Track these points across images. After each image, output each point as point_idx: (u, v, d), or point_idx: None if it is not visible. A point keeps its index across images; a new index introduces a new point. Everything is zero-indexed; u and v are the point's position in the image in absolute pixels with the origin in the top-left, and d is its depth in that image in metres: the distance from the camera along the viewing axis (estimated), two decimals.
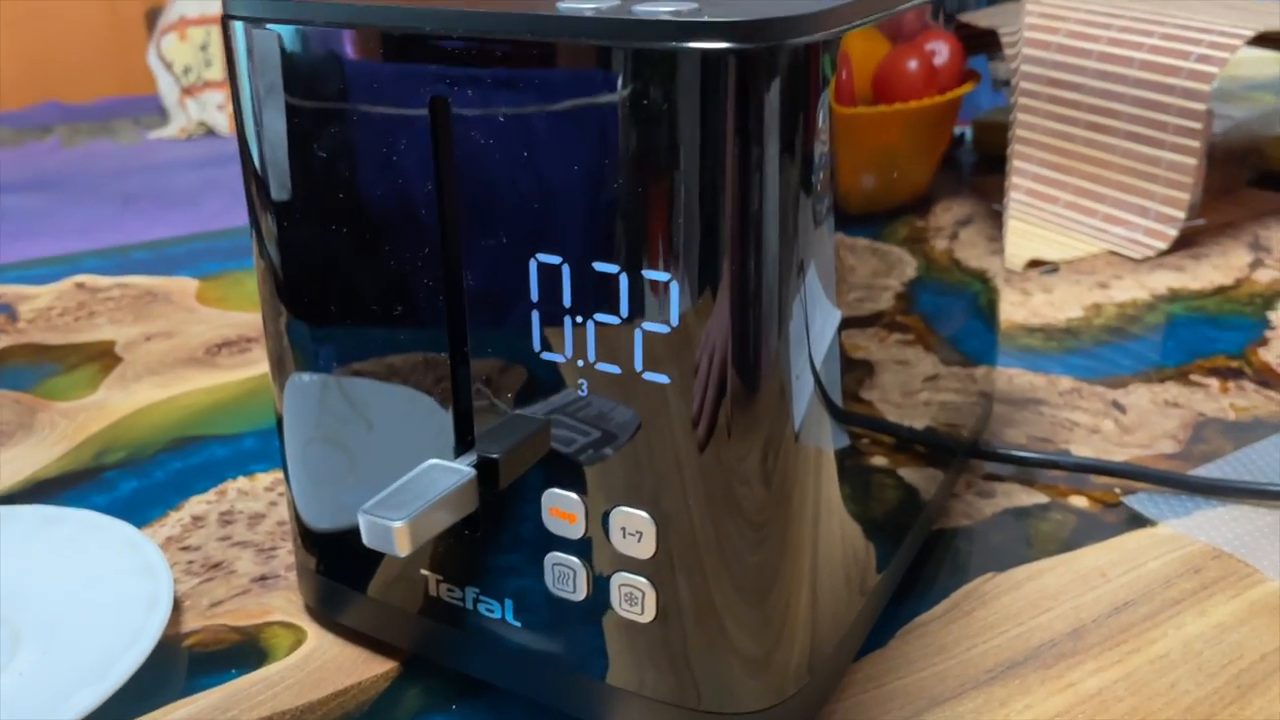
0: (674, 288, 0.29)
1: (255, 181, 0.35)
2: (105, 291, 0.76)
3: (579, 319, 0.30)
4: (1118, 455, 0.52)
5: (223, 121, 1.42)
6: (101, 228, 0.97)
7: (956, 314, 0.46)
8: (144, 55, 1.45)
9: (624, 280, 0.29)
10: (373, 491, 0.36)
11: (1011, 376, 0.60)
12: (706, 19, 0.26)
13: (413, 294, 0.33)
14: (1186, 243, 0.79)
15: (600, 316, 0.30)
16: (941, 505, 0.47)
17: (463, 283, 0.32)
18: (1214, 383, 0.59)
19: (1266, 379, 0.59)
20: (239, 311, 0.72)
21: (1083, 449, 0.52)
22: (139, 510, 0.50)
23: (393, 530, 0.30)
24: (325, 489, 0.38)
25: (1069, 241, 0.80)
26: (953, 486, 0.48)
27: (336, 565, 0.39)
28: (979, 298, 0.48)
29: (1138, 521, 0.47)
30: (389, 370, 0.35)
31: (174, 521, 0.48)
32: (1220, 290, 0.72)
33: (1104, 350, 0.63)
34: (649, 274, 0.29)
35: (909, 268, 0.39)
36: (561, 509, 0.33)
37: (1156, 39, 0.77)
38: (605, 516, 0.32)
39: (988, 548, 0.45)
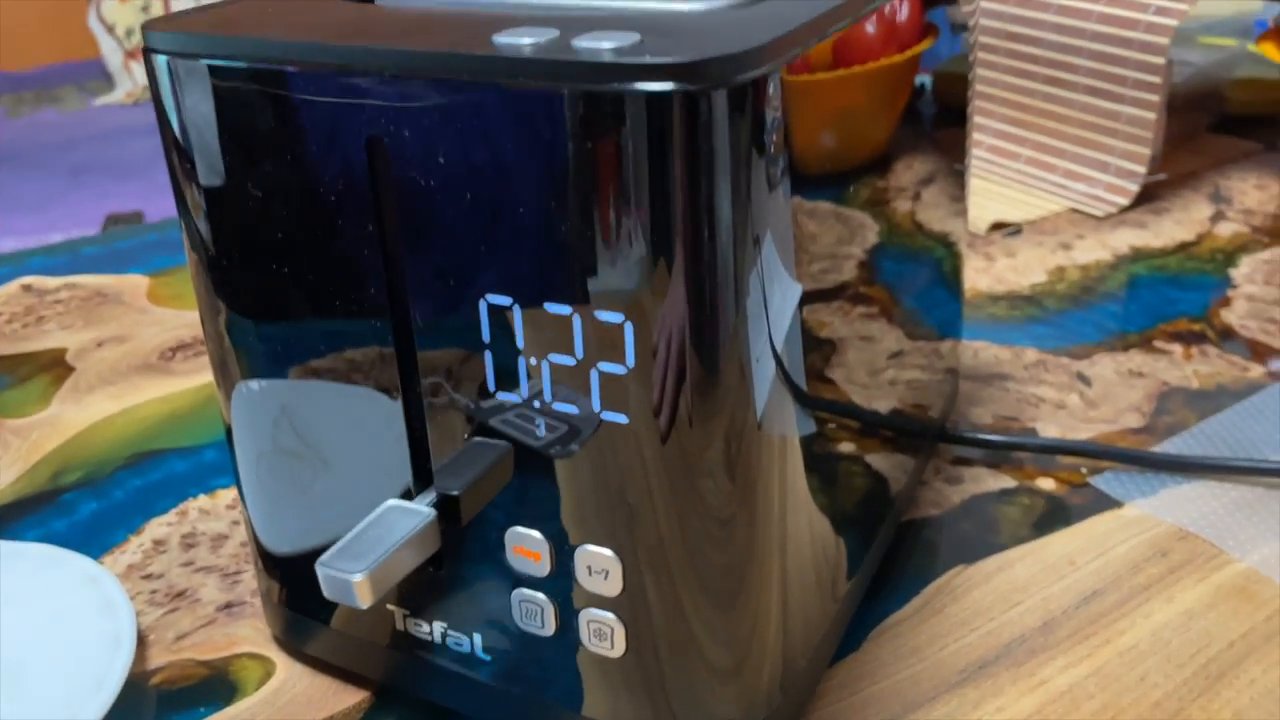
0: (628, 329, 0.28)
1: (189, 219, 0.33)
2: (54, 294, 0.74)
3: (533, 360, 0.30)
4: (1084, 431, 0.52)
5: None
6: (53, 202, 0.95)
7: (921, 283, 0.45)
8: (84, 18, 1.40)
9: (577, 321, 0.28)
10: (331, 509, 0.35)
11: (977, 350, 0.60)
12: (649, 60, 0.25)
13: (360, 333, 0.32)
14: (1148, 196, 0.78)
15: (555, 358, 0.29)
16: (911, 495, 0.47)
17: (411, 324, 0.31)
18: (1177, 349, 0.59)
19: (1229, 341, 0.59)
20: (192, 310, 0.70)
21: (1049, 426, 0.52)
22: (99, 535, 0.49)
23: (353, 584, 0.29)
24: (282, 507, 0.37)
25: (1031, 200, 0.79)
26: (922, 474, 0.48)
27: (299, 595, 0.39)
28: (943, 264, 0.47)
29: (1105, 503, 0.47)
30: (341, 378, 0.33)
31: (135, 547, 0.48)
32: (1182, 247, 0.72)
33: (1068, 317, 0.63)
34: (602, 315, 0.28)
35: (871, 233, 0.38)
36: (525, 547, 0.32)
37: None
38: (570, 555, 0.31)
39: (957, 538, 0.45)
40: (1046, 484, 0.48)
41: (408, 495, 0.34)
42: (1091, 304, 0.65)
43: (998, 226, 0.75)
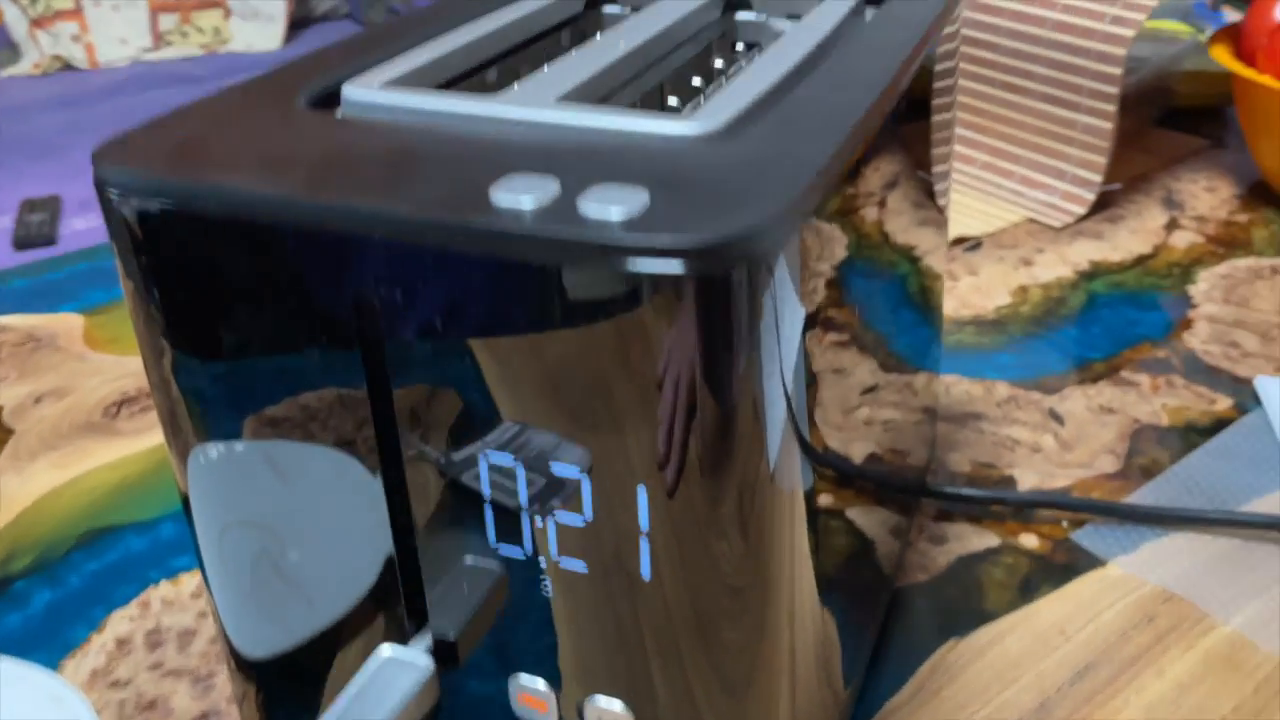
0: (642, 492, 0.27)
1: (156, 374, 0.31)
2: None
3: (538, 517, 0.28)
4: (1061, 478, 0.52)
5: (80, 54, 1.31)
6: None
7: (894, 306, 0.42)
8: None
9: (587, 483, 0.27)
10: (310, 603, 0.33)
11: (949, 386, 0.60)
12: (667, 243, 0.23)
13: (349, 488, 0.30)
14: (1103, 203, 0.79)
15: (562, 517, 0.28)
16: (902, 561, 0.47)
17: (404, 477, 0.29)
18: (1144, 380, 0.59)
19: (1194, 369, 0.60)
20: (134, 356, 0.67)
21: (1026, 474, 0.52)
22: (58, 632, 0.46)
23: None
24: (253, 600, 0.34)
25: (989, 210, 0.79)
26: (908, 535, 0.48)
27: (279, 710, 0.37)
28: (914, 283, 0.45)
29: (1088, 561, 0.47)
30: (315, 445, 0.31)
31: (97, 647, 0.45)
32: (1139, 261, 0.72)
33: (1033, 343, 0.63)
34: (615, 477, 0.27)
35: (839, 246, 0.34)
36: (531, 696, 0.31)
37: None
38: (579, 707, 0.30)
39: (945, 606, 0.45)
40: (1030, 541, 0.48)
41: (391, 584, 0.32)
42: (1055, 328, 0.65)
43: (958, 241, 0.75)
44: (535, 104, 0.31)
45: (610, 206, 0.25)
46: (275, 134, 0.30)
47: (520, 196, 0.25)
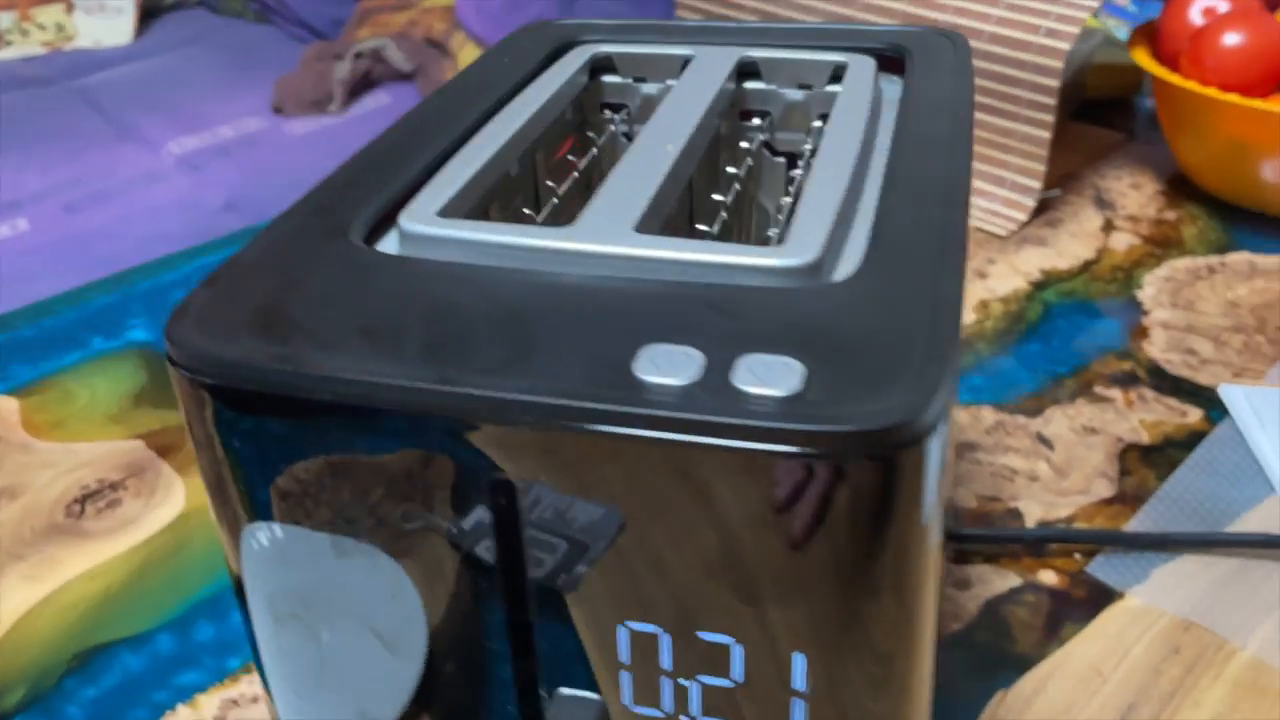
0: (799, 661, 0.26)
1: (240, 580, 0.29)
2: None
3: (681, 680, 0.28)
4: (1063, 508, 0.54)
5: None
6: None
7: None
8: None
9: (738, 650, 0.27)
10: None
11: None
12: (836, 429, 0.23)
13: (472, 649, 0.29)
14: (1040, 206, 0.81)
15: (707, 679, 0.27)
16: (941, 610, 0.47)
17: (534, 646, 0.28)
18: (1117, 395, 0.62)
19: (1160, 381, 0.62)
20: (84, 442, 0.63)
21: (1031, 505, 0.54)
22: None
23: None
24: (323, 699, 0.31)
25: None
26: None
27: None
28: None
29: (1105, 594, 0.49)
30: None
31: None
32: (1085, 266, 0.75)
33: (1003, 361, 0.65)
34: (768, 643, 0.26)
35: None
36: None
37: (1003, 9, 0.77)
38: None
39: (982, 654, 0.46)
40: (1048, 577, 0.50)
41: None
42: (1020, 343, 0.67)
43: None
44: (614, 239, 0.30)
45: (768, 385, 0.24)
46: (351, 287, 0.29)
47: (667, 377, 0.25)
